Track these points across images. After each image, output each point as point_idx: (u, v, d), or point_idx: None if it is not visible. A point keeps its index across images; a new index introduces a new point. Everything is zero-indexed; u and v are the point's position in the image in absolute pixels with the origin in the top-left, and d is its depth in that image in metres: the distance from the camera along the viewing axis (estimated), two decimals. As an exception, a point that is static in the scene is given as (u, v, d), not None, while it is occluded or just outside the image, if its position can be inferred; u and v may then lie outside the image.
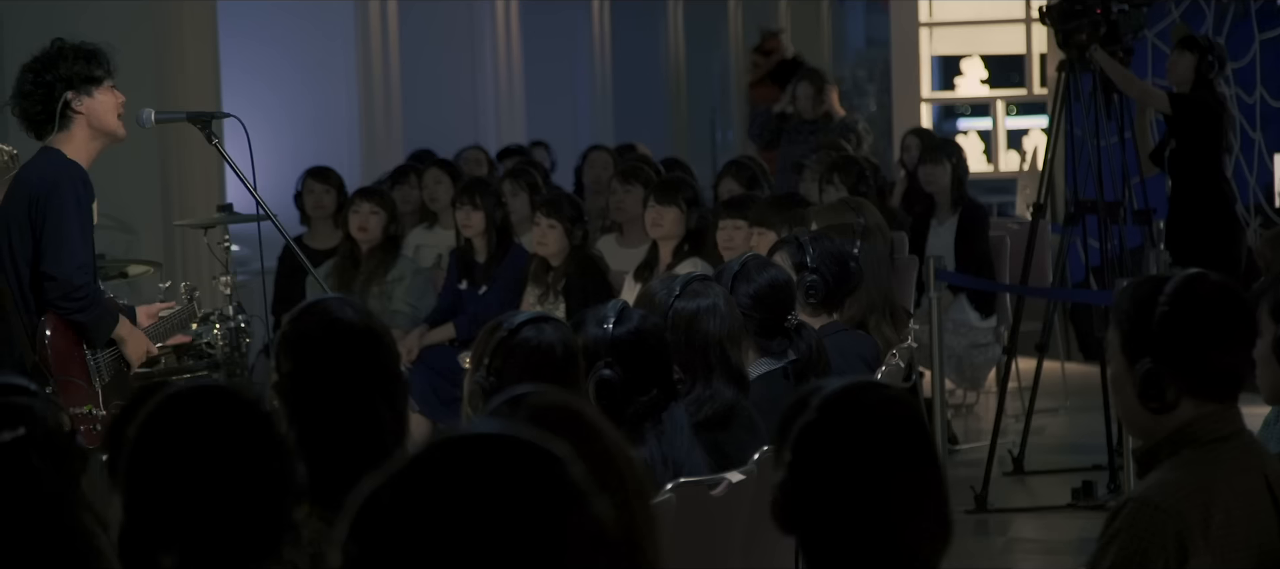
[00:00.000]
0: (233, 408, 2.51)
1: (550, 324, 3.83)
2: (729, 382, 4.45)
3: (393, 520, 1.83)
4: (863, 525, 2.52)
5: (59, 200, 5.45)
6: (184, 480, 2.44)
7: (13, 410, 2.73)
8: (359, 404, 3.39)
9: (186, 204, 9.62)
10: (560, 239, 7.98)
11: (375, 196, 8.81)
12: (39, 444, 2.71)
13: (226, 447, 2.47)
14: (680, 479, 3.89)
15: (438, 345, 8.33)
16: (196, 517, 2.42)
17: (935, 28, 14.05)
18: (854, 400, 2.56)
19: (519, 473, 1.86)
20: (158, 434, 2.48)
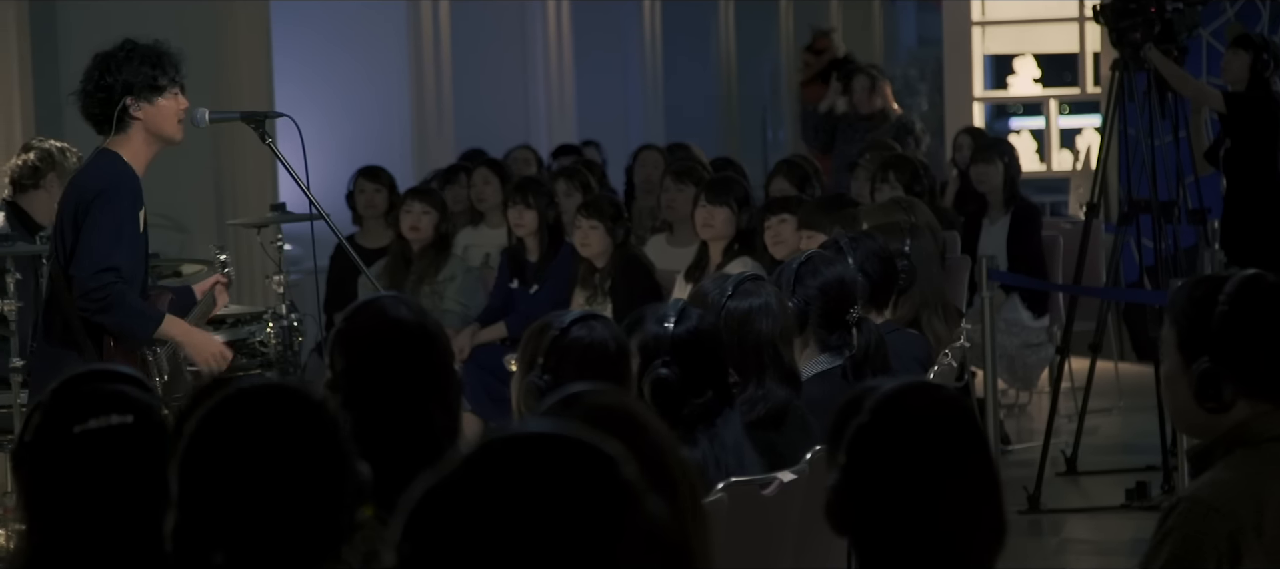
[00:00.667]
0: (294, 407, 2.51)
1: (599, 322, 3.84)
2: (781, 381, 4.44)
3: (447, 520, 1.83)
4: (917, 526, 2.51)
5: (101, 204, 5.47)
6: (239, 479, 2.44)
7: (124, 399, 2.76)
8: (412, 403, 3.40)
9: (240, 203, 9.66)
10: (602, 239, 7.99)
11: (427, 196, 8.83)
12: (143, 437, 2.74)
13: (285, 446, 2.47)
14: (732, 479, 3.89)
15: (489, 344, 8.35)
16: (250, 516, 2.42)
17: (988, 26, 14.00)
18: (908, 401, 2.55)
19: (572, 472, 1.86)
20: (216, 432, 2.48)
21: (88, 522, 2.72)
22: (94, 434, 2.72)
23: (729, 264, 7.42)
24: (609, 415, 2.27)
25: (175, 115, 5.54)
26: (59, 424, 2.74)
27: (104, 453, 2.73)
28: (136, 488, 2.71)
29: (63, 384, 2.79)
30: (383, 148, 11.73)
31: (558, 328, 3.79)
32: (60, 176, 7.08)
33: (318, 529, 2.45)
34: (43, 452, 2.75)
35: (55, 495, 2.73)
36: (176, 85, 5.55)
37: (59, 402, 2.77)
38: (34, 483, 2.75)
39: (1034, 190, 12.83)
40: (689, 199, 8.35)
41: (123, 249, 5.49)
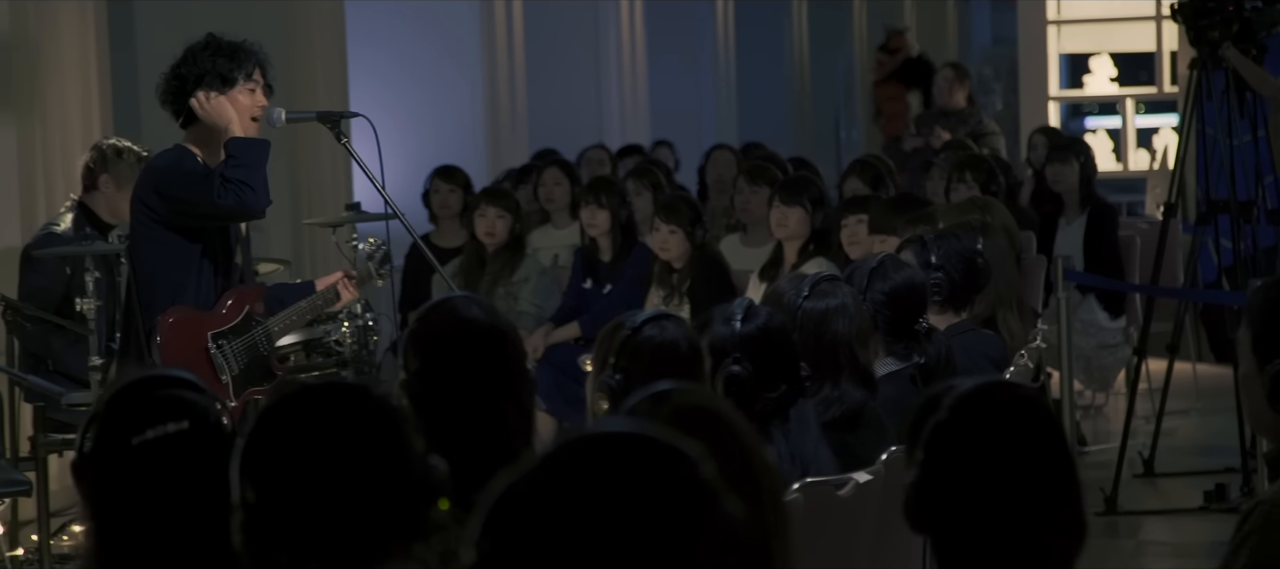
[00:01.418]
0: (357, 403, 2.51)
1: (672, 322, 3.84)
2: (857, 382, 4.42)
3: (525, 519, 1.83)
4: (996, 525, 2.49)
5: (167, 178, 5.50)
6: (304, 477, 2.44)
7: (179, 404, 2.77)
8: (485, 402, 3.40)
9: (315, 203, 9.72)
10: (681, 242, 8.00)
11: (501, 199, 8.85)
12: (200, 440, 2.75)
13: (349, 443, 2.47)
14: (807, 479, 3.88)
15: (563, 344, 8.36)
16: (316, 513, 2.43)
17: (1063, 25, 13.91)
18: (987, 399, 2.54)
19: (650, 472, 1.86)
20: (283, 429, 2.49)
21: (151, 526, 2.74)
22: (151, 444, 2.74)
23: (804, 264, 7.40)
24: (693, 414, 2.27)
25: (247, 110, 5.55)
26: (116, 435, 2.75)
27: (163, 461, 2.74)
28: (197, 490, 2.72)
29: (116, 394, 2.80)
30: (457, 147, 11.77)
31: (630, 327, 3.79)
32: (113, 176, 7.14)
33: (385, 525, 2.45)
34: (102, 463, 2.76)
35: (118, 504, 2.75)
36: (252, 81, 5.56)
37: (114, 413, 2.77)
38: (96, 492, 2.77)
39: (1110, 190, 12.73)
40: (762, 199, 8.34)
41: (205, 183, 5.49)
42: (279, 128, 5.72)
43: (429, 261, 6.17)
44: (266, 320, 5.65)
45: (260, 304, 5.67)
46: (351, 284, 5.82)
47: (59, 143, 8.03)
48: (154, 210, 5.53)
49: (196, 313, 5.55)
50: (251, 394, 5.55)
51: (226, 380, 5.55)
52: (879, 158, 10.14)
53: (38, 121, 7.94)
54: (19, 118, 7.87)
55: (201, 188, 5.42)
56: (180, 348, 5.48)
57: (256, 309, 5.65)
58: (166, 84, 5.60)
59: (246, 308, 5.62)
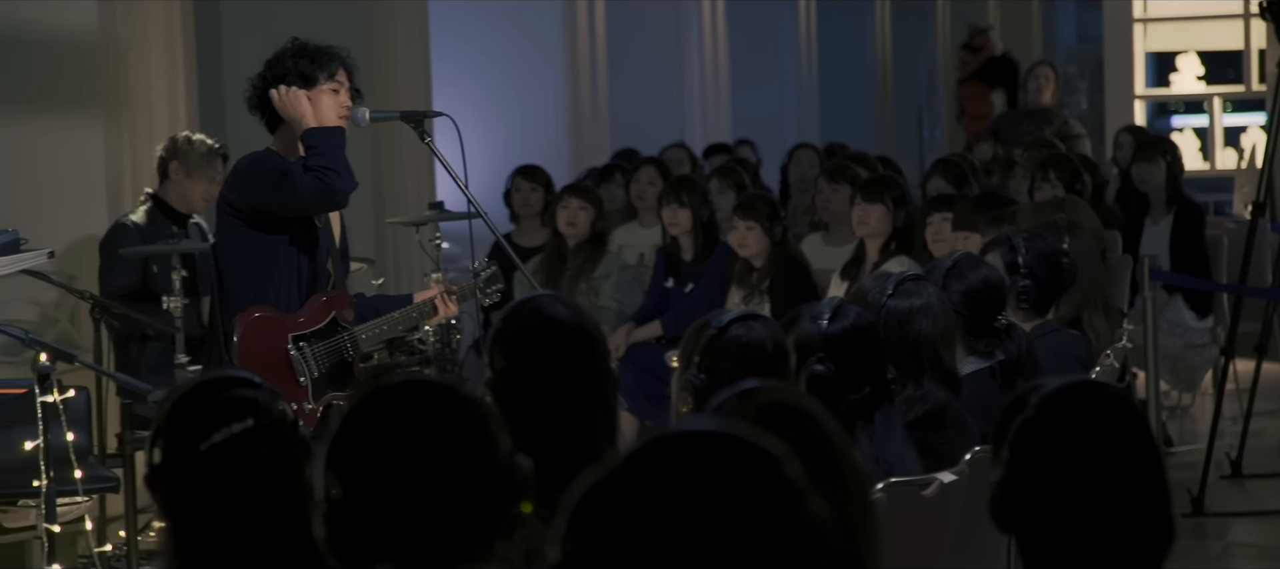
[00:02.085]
0: (448, 403, 2.51)
1: (759, 321, 3.82)
2: (941, 382, 4.39)
3: (611, 517, 1.83)
4: (1082, 525, 2.47)
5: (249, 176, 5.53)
6: (392, 473, 2.45)
7: (240, 403, 2.79)
8: (571, 401, 3.40)
9: (398, 202, 9.76)
10: (760, 240, 7.98)
11: (582, 193, 8.87)
12: (266, 435, 2.77)
13: (438, 442, 2.47)
14: (891, 479, 3.86)
15: (645, 342, 8.36)
16: (402, 512, 2.43)
17: (1150, 23, 13.78)
18: (1074, 398, 2.52)
19: (735, 471, 1.85)
20: (371, 425, 2.49)
21: (229, 526, 2.76)
22: (219, 447, 2.76)
23: (887, 263, 7.37)
24: (780, 413, 2.26)
25: (331, 109, 5.56)
26: (184, 444, 2.78)
27: (231, 462, 2.76)
28: (269, 485, 2.74)
29: (176, 404, 2.82)
30: (538, 146, 11.80)
31: (716, 326, 3.78)
32: (183, 164, 7.20)
33: (469, 524, 2.45)
34: (173, 472, 2.79)
35: (194, 508, 2.77)
36: (334, 81, 5.57)
37: (178, 421, 2.80)
38: (171, 500, 2.80)
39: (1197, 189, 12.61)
40: (845, 198, 8.32)
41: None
42: (363, 127, 5.74)
43: (511, 260, 6.19)
44: (354, 327, 5.66)
45: (349, 311, 5.68)
46: (452, 300, 5.83)
47: (146, 141, 8.10)
48: (237, 209, 5.56)
49: (278, 314, 5.56)
50: (332, 398, 5.56)
51: (305, 382, 5.54)
52: (963, 156, 10.09)
53: (125, 120, 8.01)
54: (107, 116, 7.95)
55: (283, 180, 5.44)
56: (258, 347, 5.49)
57: (344, 315, 5.66)
58: (253, 90, 5.63)
59: (332, 313, 5.64)
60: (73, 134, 7.90)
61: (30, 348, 4.92)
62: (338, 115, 5.57)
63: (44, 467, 4.69)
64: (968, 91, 16.61)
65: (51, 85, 7.89)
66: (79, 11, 7.87)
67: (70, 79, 7.91)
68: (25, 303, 7.53)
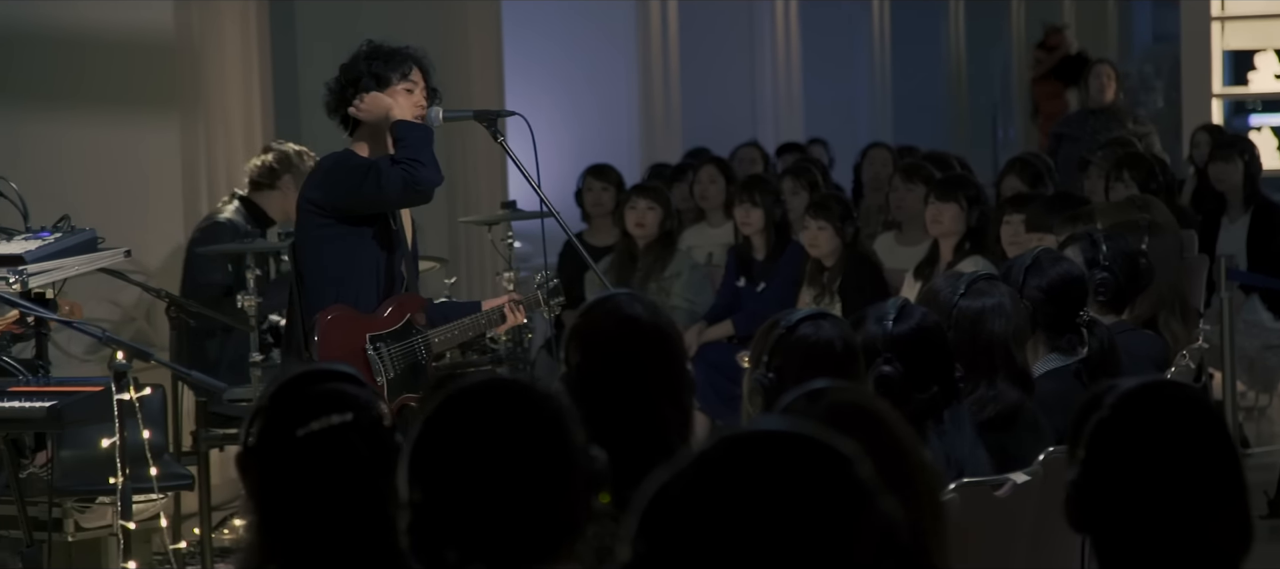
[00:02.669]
0: (525, 403, 2.51)
1: (828, 321, 3.81)
2: (1013, 383, 4.37)
3: (681, 517, 1.83)
4: (1159, 526, 2.45)
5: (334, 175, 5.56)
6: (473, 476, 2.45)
7: (342, 396, 2.80)
8: (645, 400, 3.40)
9: (471, 201, 9.79)
10: (831, 239, 7.97)
11: (651, 193, 8.87)
12: (362, 432, 2.78)
13: (517, 442, 2.47)
14: (963, 479, 3.84)
15: (716, 342, 8.36)
16: (481, 511, 2.43)
17: (1227, 21, 13.66)
18: (1151, 398, 2.50)
19: (806, 471, 1.85)
20: (450, 428, 2.49)
21: (315, 517, 2.77)
22: (316, 435, 2.77)
23: (960, 263, 7.34)
24: (850, 413, 2.25)
25: (405, 109, 5.59)
26: (281, 428, 2.79)
27: (326, 452, 2.77)
28: (360, 482, 2.74)
29: (281, 387, 2.84)
30: (610, 146, 11.81)
31: (785, 326, 3.78)
32: (295, 179, 7.24)
33: (552, 522, 2.45)
34: (267, 455, 2.79)
35: (282, 495, 2.78)
36: (408, 81, 5.60)
37: (278, 405, 2.81)
38: (261, 484, 2.81)
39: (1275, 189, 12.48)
40: (918, 197, 8.29)
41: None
42: (436, 127, 5.76)
43: (583, 259, 6.19)
44: (427, 331, 5.69)
45: (422, 314, 5.71)
46: (519, 309, 5.85)
47: (222, 142, 8.16)
48: (319, 207, 5.59)
49: (356, 313, 5.60)
50: (406, 400, 5.58)
51: (382, 382, 5.58)
52: (1037, 156, 10.02)
53: (201, 120, 8.07)
54: (182, 117, 8.01)
55: (369, 175, 5.48)
56: (338, 346, 5.53)
57: (418, 319, 5.69)
58: (330, 94, 5.66)
59: (407, 315, 5.67)
60: (149, 134, 7.96)
61: (107, 346, 4.96)
62: (412, 116, 5.59)
63: (120, 464, 4.73)
64: (1042, 90, 16.52)
65: (128, 86, 7.95)
66: (155, 12, 7.94)
67: (146, 79, 7.97)
68: (102, 302, 7.60)
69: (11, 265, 4.95)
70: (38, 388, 4.90)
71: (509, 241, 6.81)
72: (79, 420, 4.90)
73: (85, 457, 6.13)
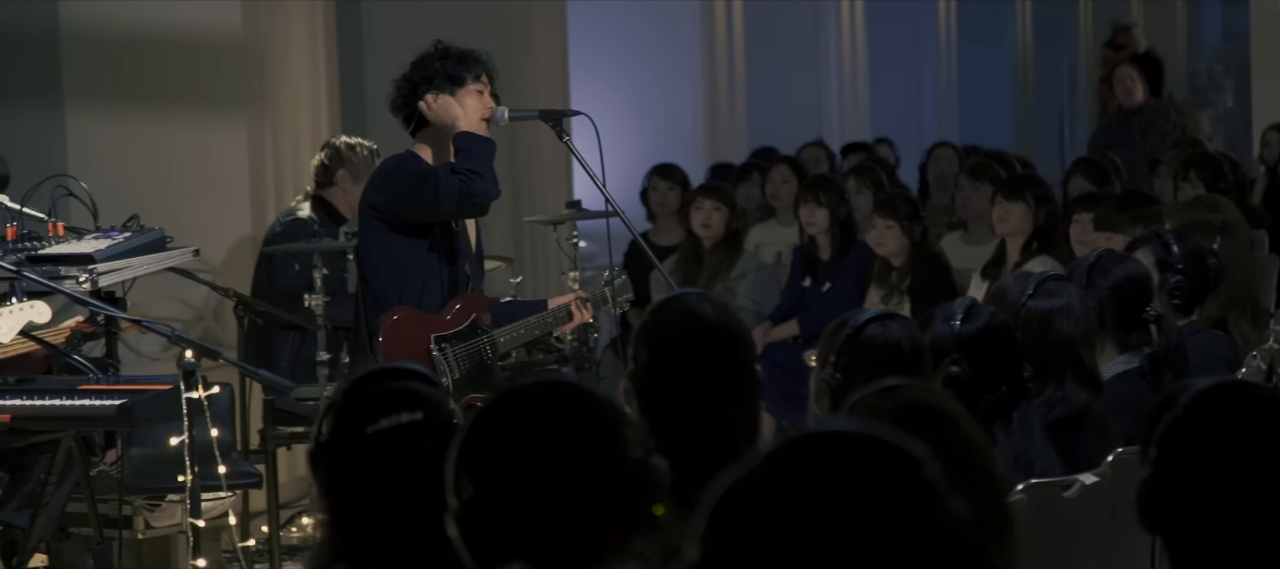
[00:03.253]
0: (578, 405, 2.51)
1: (896, 321, 3.80)
2: (1081, 384, 4.34)
3: (749, 517, 1.82)
4: (1230, 525, 2.43)
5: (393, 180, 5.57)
6: (522, 473, 2.45)
7: (413, 395, 2.82)
8: (711, 400, 3.40)
9: (536, 200, 9.81)
10: (898, 239, 7.95)
11: (717, 193, 8.87)
12: (432, 431, 2.79)
13: (568, 443, 2.47)
14: (1032, 480, 3.82)
15: (782, 342, 8.35)
16: (533, 510, 2.43)
17: (1298, 18, 13.53)
18: (1223, 397, 2.48)
19: (875, 472, 1.84)
20: (501, 426, 2.49)
21: (384, 514, 2.78)
22: (386, 433, 2.78)
23: (1028, 262, 7.30)
24: (919, 412, 2.25)
25: (475, 111, 5.60)
26: (352, 424, 2.80)
27: (397, 449, 2.78)
28: (429, 480, 2.75)
29: (353, 384, 2.86)
30: (676, 145, 11.80)
31: (852, 326, 3.77)
32: (350, 171, 7.27)
33: (599, 525, 2.45)
34: (338, 451, 2.81)
35: (353, 491, 2.80)
36: (479, 82, 5.61)
37: (350, 402, 2.83)
38: (332, 479, 2.82)
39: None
40: (984, 196, 8.26)
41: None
42: (502, 126, 5.77)
43: (648, 258, 6.19)
44: (492, 330, 5.70)
45: (487, 315, 5.72)
46: (586, 307, 5.85)
47: (289, 141, 8.20)
48: (380, 211, 5.61)
49: (421, 314, 5.62)
50: (472, 399, 5.60)
51: (447, 382, 5.59)
52: (1104, 155, 9.96)
53: (268, 120, 8.11)
54: (250, 116, 8.05)
55: (426, 184, 5.49)
56: (403, 347, 5.54)
57: (483, 319, 5.70)
58: (397, 91, 5.68)
59: (472, 316, 5.68)
60: (216, 134, 8.01)
61: (176, 345, 5.00)
62: (481, 116, 5.61)
63: (189, 462, 4.76)
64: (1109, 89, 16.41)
65: (196, 85, 8.01)
66: (223, 12, 7.98)
67: (214, 79, 8.02)
68: (171, 301, 7.65)
69: (81, 265, 4.99)
70: (108, 386, 4.93)
71: (574, 241, 6.81)
72: (149, 419, 4.93)
73: (155, 455, 6.18)
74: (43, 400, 4.88)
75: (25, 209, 5.23)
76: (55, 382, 5.13)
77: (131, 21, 7.91)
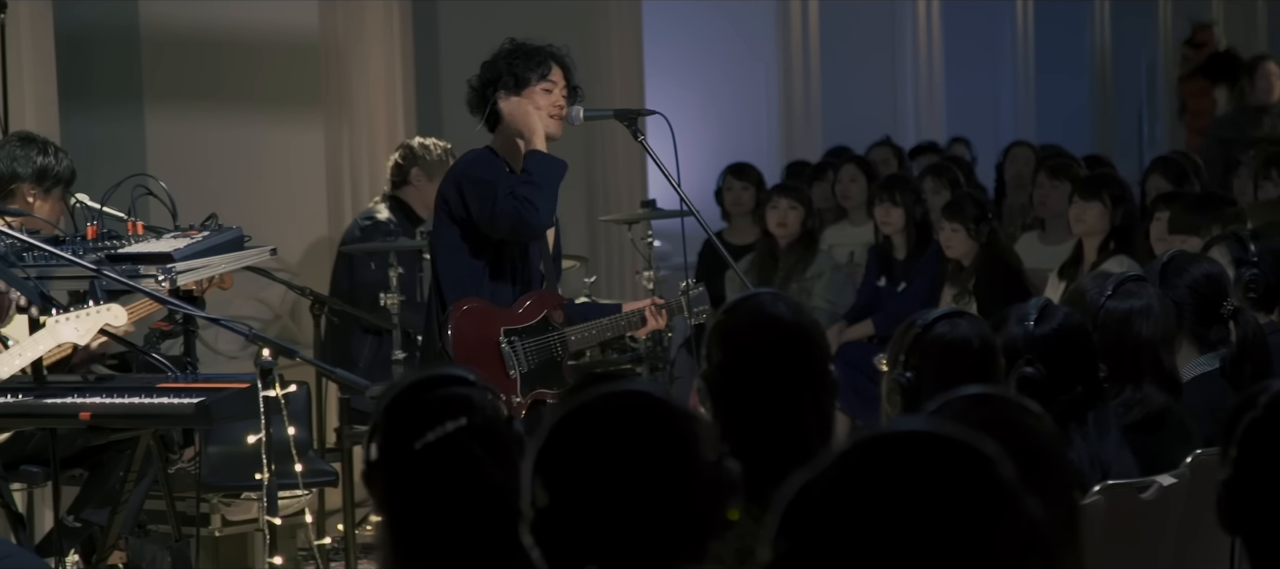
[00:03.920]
0: (655, 413, 2.50)
1: (965, 319, 3.78)
2: (1160, 386, 4.31)
3: (821, 518, 1.82)
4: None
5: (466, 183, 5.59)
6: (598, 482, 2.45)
7: (454, 401, 2.81)
8: (784, 400, 3.39)
9: (611, 200, 9.82)
10: (965, 241, 7.92)
11: (792, 193, 8.85)
12: (479, 434, 2.78)
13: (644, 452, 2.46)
14: (1108, 481, 3.80)
15: (856, 342, 8.32)
16: (608, 518, 2.43)
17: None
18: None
19: (947, 471, 1.83)
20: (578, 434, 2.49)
21: (444, 524, 2.78)
22: (434, 445, 2.77)
23: (1105, 262, 7.25)
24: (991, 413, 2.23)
25: (546, 108, 5.60)
26: (399, 442, 2.80)
27: (447, 459, 2.78)
28: (482, 484, 2.75)
29: (392, 402, 2.84)
30: (751, 145, 11.79)
31: (921, 325, 3.75)
32: (424, 170, 7.30)
33: (673, 532, 2.44)
34: (390, 469, 2.81)
35: (410, 506, 2.80)
36: (548, 81, 5.61)
37: (393, 419, 2.82)
38: (388, 497, 2.83)
39: None
40: (1061, 195, 8.21)
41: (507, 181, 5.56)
42: (577, 125, 5.77)
43: (723, 258, 6.18)
44: (564, 328, 5.70)
45: (559, 312, 5.73)
46: (661, 314, 5.83)
47: (366, 140, 8.24)
48: (451, 208, 5.63)
49: (490, 307, 5.62)
50: (539, 394, 5.60)
51: (514, 376, 5.59)
52: (1184, 155, 9.88)
53: (345, 120, 8.16)
54: (327, 116, 8.10)
55: (486, 196, 5.49)
56: (471, 338, 5.55)
57: (555, 316, 5.71)
58: (471, 91, 5.69)
59: (544, 312, 5.69)
60: (294, 133, 8.06)
61: (253, 343, 5.03)
62: (552, 114, 5.61)
63: (266, 460, 4.79)
64: (1189, 88, 16.27)
65: (273, 85, 8.06)
66: (300, 12, 8.04)
67: (292, 79, 8.07)
68: (249, 300, 7.71)
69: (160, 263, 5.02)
70: (186, 384, 4.96)
71: (648, 240, 6.81)
72: (226, 417, 4.96)
73: (232, 453, 6.22)
74: (122, 398, 4.92)
75: (105, 208, 5.28)
76: (134, 380, 5.18)
77: (210, 22, 7.97)
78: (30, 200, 5.66)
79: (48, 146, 5.72)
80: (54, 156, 5.70)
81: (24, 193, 5.67)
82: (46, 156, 5.69)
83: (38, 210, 5.63)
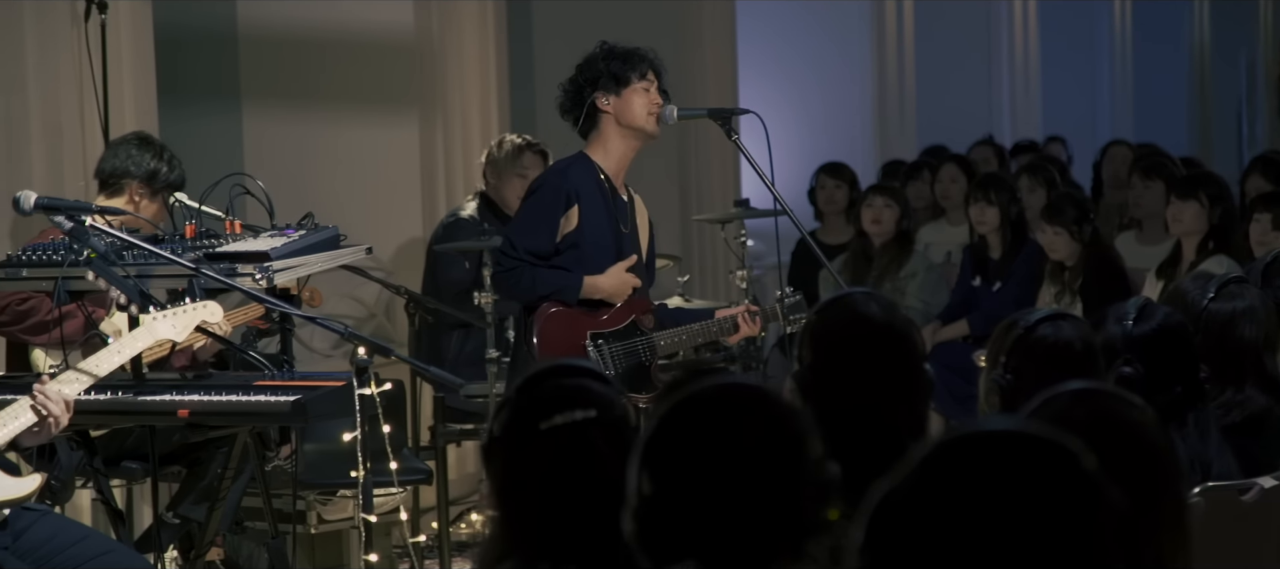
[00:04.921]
0: (762, 408, 2.50)
1: (1068, 321, 3.75)
2: (1262, 388, 4.26)
3: (907, 519, 1.81)
4: None
5: (527, 196, 5.66)
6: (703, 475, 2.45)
7: (587, 393, 2.83)
8: (876, 400, 3.37)
9: (704, 199, 9.81)
10: (1068, 243, 7.86)
11: (887, 192, 8.82)
12: (605, 429, 2.80)
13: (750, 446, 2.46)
14: (1208, 482, 3.76)
15: (951, 341, 8.28)
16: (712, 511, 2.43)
17: None
18: None
19: (1029, 469, 1.82)
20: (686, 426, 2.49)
21: (555, 511, 2.79)
22: (560, 429, 2.79)
23: (1205, 262, 7.18)
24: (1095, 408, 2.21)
25: (644, 108, 5.62)
26: (526, 420, 2.81)
27: (569, 446, 2.79)
28: (600, 478, 2.76)
29: (527, 381, 2.87)
30: (845, 144, 11.75)
31: (1024, 326, 3.72)
32: (492, 167, 7.34)
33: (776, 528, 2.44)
34: (511, 446, 2.82)
35: (524, 487, 2.81)
36: (645, 80, 5.62)
37: (525, 398, 2.84)
38: (504, 475, 2.83)
39: None
40: (1156, 195, 8.14)
41: (531, 237, 5.61)
42: (670, 125, 5.77)
43: (816, 257, 6.16)
44: (653, 333, 5.70)
45: (649, 317, 5.73)
46: (755, 320, 5.81)
47: (459, 139, 8.28)
48: None
49: (578, 310, 5.64)
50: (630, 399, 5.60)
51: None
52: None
53: (439, 120, 8.20)
54: (422, 115, 8.14)
55: (504, 228, 5.59)
56: (557, 342, 5.56)
57: (644, 321, 5.71)
58: (564, 94, 5.70)
59: (632, 316, 5.69)
60: (389, 133, 8.11)
61: (349, 341, 5.06)
62: (648, 113, 5.62)
63: (361, 458, 4.82)
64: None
65: (369, 85, 8.11)
66: (396, 12, 8.08)
67: (387, 79, 8.12)
68: (344, 298, 7.75)
69: (257, 262, 5.06)
70: (282, 382, 5.00)
71: (742, 240, 6.80)
72: (322, 415, 4.99)
73: (328, 450, 6.26)
74: (219, 396, 4.96)
75: (203, 207, 5.32)
76: (231, 378, 5.22)
77: (307, 22, 8.03)
78: (136, 199, 5.72)
79: (163, 152, 5.78)
80: (167, 163, 5.76)
81: (131, 191, 5.73)
82: (160, 161, 5.75)
83: (142, 210, 5.68)
